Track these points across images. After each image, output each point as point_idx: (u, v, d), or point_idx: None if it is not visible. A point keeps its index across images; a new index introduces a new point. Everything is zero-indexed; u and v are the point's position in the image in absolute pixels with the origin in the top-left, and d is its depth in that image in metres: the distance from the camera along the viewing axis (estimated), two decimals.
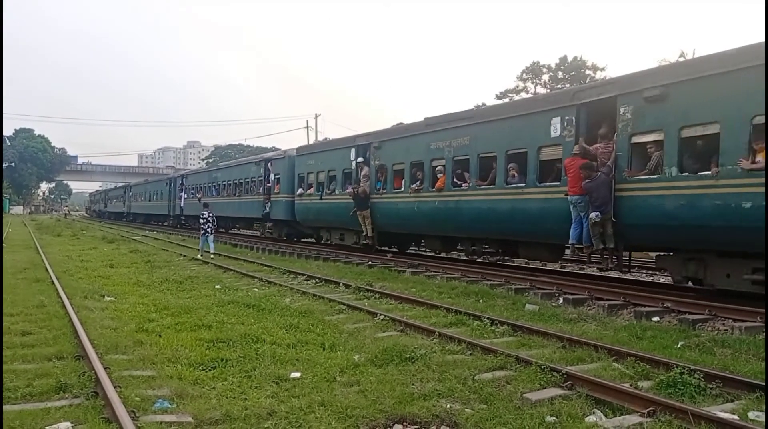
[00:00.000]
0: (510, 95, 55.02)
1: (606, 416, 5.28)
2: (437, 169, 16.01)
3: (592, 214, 11.09)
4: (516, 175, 13.63)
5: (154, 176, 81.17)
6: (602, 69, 55.05)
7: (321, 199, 21.95)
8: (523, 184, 13.27)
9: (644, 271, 16.54)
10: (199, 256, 20.08)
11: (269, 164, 27.70)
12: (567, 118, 12.24)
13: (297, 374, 6.36)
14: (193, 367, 6.62)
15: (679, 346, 7.60)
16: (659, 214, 10.42)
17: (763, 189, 8.80)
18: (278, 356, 7.05)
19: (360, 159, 19.76)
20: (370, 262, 17.24)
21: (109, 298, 11.41)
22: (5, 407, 5.30)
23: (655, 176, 10.51)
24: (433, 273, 14.79)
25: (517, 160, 13.60)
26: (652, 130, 10.58)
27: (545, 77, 58.29)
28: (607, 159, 11.30)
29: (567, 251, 13.77)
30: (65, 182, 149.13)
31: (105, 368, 6.11)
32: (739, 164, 9.17)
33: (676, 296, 10.47)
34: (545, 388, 5.86)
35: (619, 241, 11.29)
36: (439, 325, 8.83)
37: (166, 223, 46.63)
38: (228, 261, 19.20)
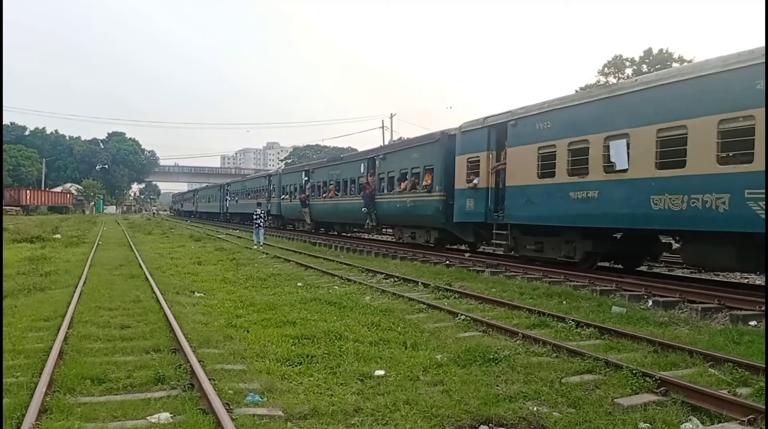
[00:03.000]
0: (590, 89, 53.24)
1: (703, 424, 5.07)
2: (331, 184, 30.04)
3: (363, 209, 24.72)
4: (353, 190, 27.41)
5: (228, 178, 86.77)
6: (689, 61, 52.53)
7: (291, 201, 36.38)
8: (354, 194, 26.93)
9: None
10: (255, 247, 24.08)
11: (271, 178, 42.04)
12: (365, 164, 26.25)
13: (381, 372, 6.42)
14: (281, 363, 6.79)
15: None
16: (385, 209, 23.76)
17: (407, 200, 21.64)
18: (361, 354, 7.14)
19: (306, 178, 33.85)
20: (447, 262, 17.20)
21: (198, 295, 11.89)
22: (109, 397, 5.62)
23: (383, 193, 24.00)
24: (513, 273, 14.58)
25: (354, 182, 27.59)
26: (382, 172, 24.33)
27: (628, 71, 56.04)
28: (374, 184, 24.54)
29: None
30: (154, 183, 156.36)
31: (199, 361, 6.36)
32: (398, 188, 22.53)
33: None
34: (637, 393, 5.68)
35: (378, 221, 24.93)
36: (522, 327, 8.70)
37: (219, 220, 59.24)
38: (308, 259, 19.61)
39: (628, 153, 12.30)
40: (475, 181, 17.26)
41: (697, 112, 10.79)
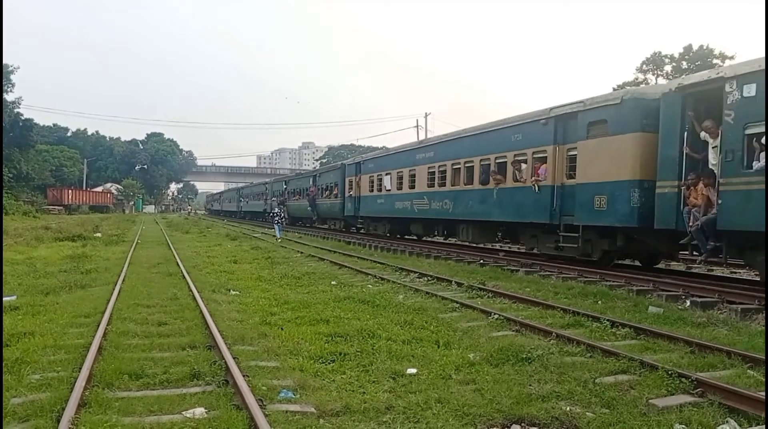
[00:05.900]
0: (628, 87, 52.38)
1: (740, 426, 4.96)
2: (297, 191, 43.69)
3: (308, 208, 40.19)
4: (305, 196, 40.93)
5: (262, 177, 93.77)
6: (731, 57, 51.19)
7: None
8: (305, 199, 40.86)
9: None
10: (279, 242, 28.05)
11: (267, 185, 56.34)
12: (312, 178, 41.29)
13: (413, 370, 6.43)
14: (314, 360, 6.85)
15: None
16: (320, 208, 38.54)
17: (328, 202, 36.68)
18: (394, 352, 7.15)
19: (285, 186, 47.78)
20: (481, 261, 17.11)
21: (234, 292, 12.05)
22: (145, 392, 5.74)
23: (320, 197, 38.02)
24: (548, 273, 14.43)
25: (305, 190, 41.34)
26: (319, 184, 38.60)
27: (667, 68, 54.86)
28: (315, 192, 38.68)
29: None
30: (192, 183, 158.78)
31: (234, 358, 6.45)
32: (325, 195, 37.23)
33: None
34: (673, 394, 5.59)
35: (318, 216, 39.88)
36: (556, 326, 8.62)
37: (236, 217, 71.15)
38: (342, 258, 19.71)
39: (390, 182, 25.93)
40: (351, 193, 30.88)
41: (396, 167, 25.65)
